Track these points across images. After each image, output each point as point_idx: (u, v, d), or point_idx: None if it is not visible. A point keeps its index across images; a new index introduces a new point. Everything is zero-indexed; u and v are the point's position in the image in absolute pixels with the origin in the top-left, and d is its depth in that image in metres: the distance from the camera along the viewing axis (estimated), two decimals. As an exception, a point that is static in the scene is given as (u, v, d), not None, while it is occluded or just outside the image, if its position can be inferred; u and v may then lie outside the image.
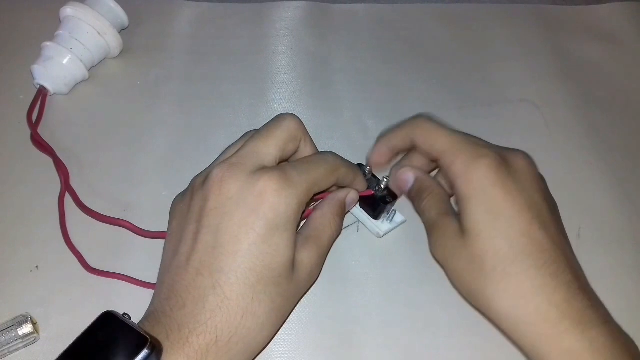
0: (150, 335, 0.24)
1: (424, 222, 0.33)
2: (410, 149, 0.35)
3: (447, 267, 0.31)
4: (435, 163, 0.34)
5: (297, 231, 0.29)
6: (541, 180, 0.31)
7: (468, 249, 0.29)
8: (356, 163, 0.37)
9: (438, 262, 0.32)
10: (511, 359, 0.31)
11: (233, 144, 0.32)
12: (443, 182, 0.34)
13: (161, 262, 0.30)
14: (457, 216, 0.31)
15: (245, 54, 0.47)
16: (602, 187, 0.40)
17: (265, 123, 0.31)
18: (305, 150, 0.32)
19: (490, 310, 0.29)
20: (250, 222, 0.27)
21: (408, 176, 0.34)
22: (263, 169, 0.28)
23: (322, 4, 0.51)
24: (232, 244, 0.27)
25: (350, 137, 0.42)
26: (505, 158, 0.30)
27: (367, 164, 0.36)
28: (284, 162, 0.31)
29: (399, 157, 0.37)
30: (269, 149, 0.29)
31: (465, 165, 0.30)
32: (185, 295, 0.26)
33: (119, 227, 0.36)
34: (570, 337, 0.26)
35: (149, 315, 0.27)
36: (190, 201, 0.29)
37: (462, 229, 0.30)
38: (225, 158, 0.30)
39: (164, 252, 0.30)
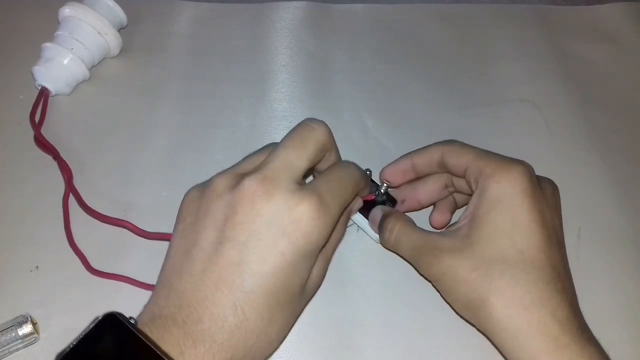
0: (170, 359, 0.23)
1: (403, 252, 0.32)
2: (428, 174, 0.35)
3: (443, 281, 0.30)
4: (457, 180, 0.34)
5: None
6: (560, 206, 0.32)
7: (473, 256, 0.29)
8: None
9: (431, 280, 0.31)
10: None
11: (259, 153, 0.30)
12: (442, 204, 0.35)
13: (167, 258, 0.28)
14: (437, 232, 0.31)
15: (245, 54, 0.47)
16: (602, 187, 0.40)
17: (293, 129, 0.30)
18: (330, 158, 0.31)
19: (491, 319, 0.28)
20: (281, 246, 0.26)
21: (377, 212, 0.34)
22: (299, 190, 0.27)
23: (322, 4, 0.51)
24: (258, 265, 0.26)
25: (350, 137, 0.42)
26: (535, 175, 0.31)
27: (380, 176, 0.36)
28: (315, 177, 0.30)
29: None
30: (301, 162, 0.28)
31: (498, 169, 0.30)
32: (201, 309, 0.25)
33: (122, 228, 0.36)
34: (571, 352, 0.26)
35: (154, 318, 0.25)
36: (210, 203, 0.27)
37: (469, 235, 0.29)
38: (252, 165, 0.28)
39: (171, 246, 0.28)
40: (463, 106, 0.45)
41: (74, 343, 0.24)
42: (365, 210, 0.35)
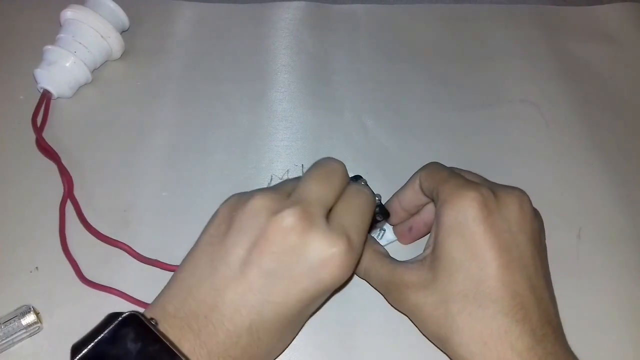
0: None
1: (372, 284, 0.33)
2: (420, 205, 0.34)
3: (412, 317, 0.30)
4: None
5: None
6: (534, 220, 0.30)
7: (435, 292, 0.28)
8: (354, 175, 0.36)
9: (402, 313, 0.32)
10: None
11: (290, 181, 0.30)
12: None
13: (190, 258, 0.28)
14: (405, 263, 0.31)
15: (245, 54, 0.47)
16: (602, 187, 0.40)
17: (316, 164, 0.30)
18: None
19: (457, 356, 0.28)
20: (306, 282, 0.26)
21: None
22: (331, 231, 0.27)
23: (322, 4, 0.51)
24: (280, 296, 0.26)
25: (350, 137, 0.42)
26: (496, 194, 0.29)
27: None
28: (339, 210, 0.29)
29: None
30: (333, 199, 0.29)
31: (451, 194, 0.29)
32: (218, 324, 0.26)
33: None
34: None
35: (167, 317, 0.26)
36: (245, 219, 0.27)
37: (432, 267, 0.29)
38: (290, 191, 0.29)
39: (197, 248, 0.28)
40: (463, 106, 0.45)
41: (94, 343, 0.24)
42: None
